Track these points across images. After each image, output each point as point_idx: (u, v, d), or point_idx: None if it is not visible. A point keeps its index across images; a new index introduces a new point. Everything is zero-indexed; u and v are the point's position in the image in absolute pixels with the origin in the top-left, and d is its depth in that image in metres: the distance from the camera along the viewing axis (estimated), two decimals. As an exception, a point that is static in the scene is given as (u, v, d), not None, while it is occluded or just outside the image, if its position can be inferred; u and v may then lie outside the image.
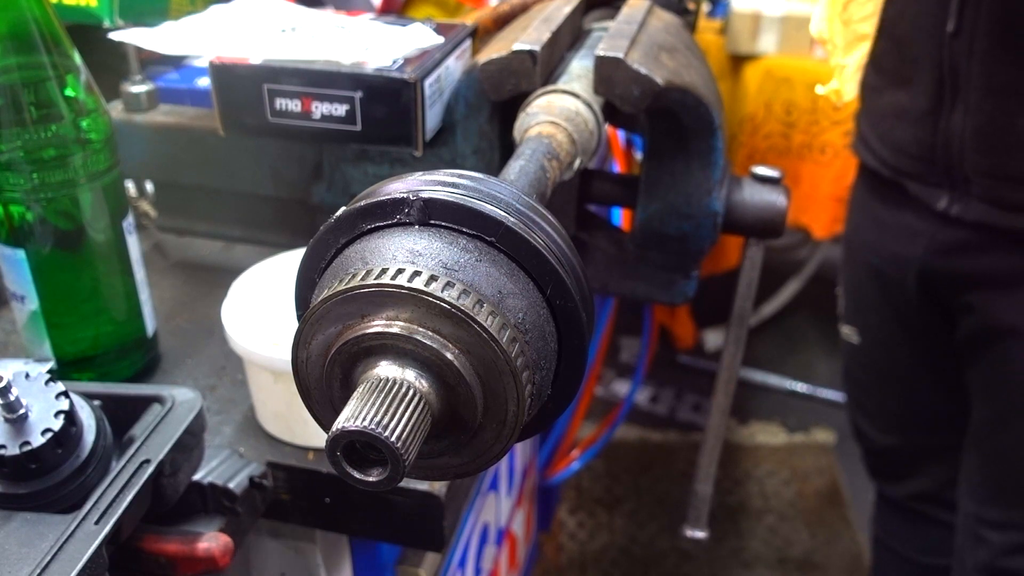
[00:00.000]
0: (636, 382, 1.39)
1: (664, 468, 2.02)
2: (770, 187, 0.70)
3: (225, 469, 0.55)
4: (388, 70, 0.64)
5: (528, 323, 0.33)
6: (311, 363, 0.35)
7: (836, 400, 2.14)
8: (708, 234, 0.70)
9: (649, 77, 0.59)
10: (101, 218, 0.59)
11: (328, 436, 0.30)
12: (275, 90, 0.65)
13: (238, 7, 0.75)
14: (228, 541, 0.49)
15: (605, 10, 0.81)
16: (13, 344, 0.70)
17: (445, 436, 0.34)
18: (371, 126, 0.65)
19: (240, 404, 0.64)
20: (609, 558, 1.79)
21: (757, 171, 0.70)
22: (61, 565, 0.40)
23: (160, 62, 0.89)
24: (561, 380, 0.36)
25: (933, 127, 0.95)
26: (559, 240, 0.36)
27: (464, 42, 0.72)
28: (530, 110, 0.57)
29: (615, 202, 0.77)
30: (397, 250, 0.33)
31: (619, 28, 0.65)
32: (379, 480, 0.31)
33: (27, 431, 0.44)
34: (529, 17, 0.72)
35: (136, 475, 0.46)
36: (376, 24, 0.73)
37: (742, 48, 1.65)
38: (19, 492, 0.44)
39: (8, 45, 0.54)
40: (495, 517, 1.02)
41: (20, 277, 0.59)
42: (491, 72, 0.62)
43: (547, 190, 0.48)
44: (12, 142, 0.54)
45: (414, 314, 0.32)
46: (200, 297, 0.77)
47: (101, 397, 0.50)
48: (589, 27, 0.75)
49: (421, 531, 0.59)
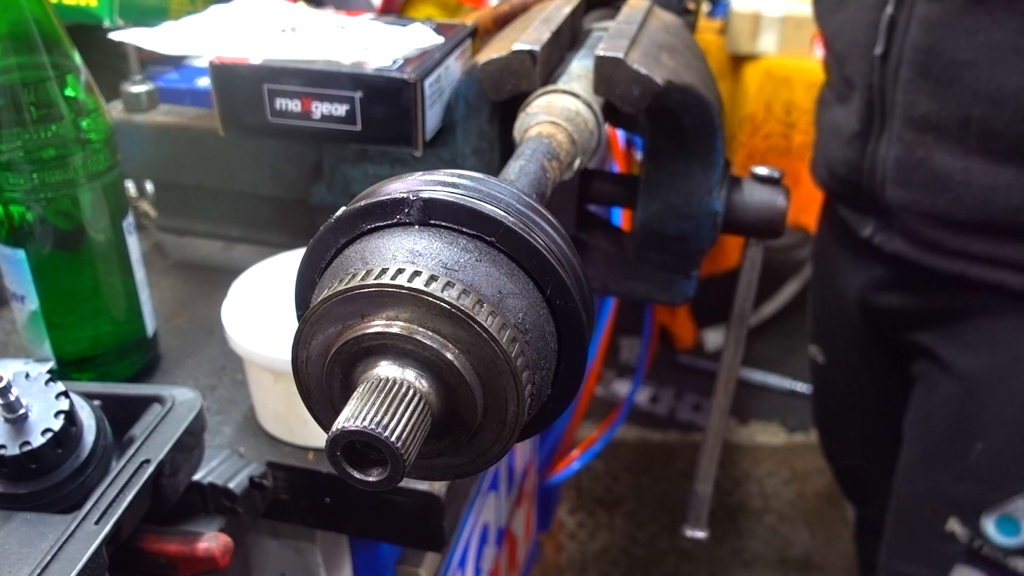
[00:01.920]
0: (636, 382, 1.39)
1: (664, 468, 2.02)
2: (770, 187, 0.70)
3: (225, 469, 0.55)
4: (388, 70, 0.64)
5: (528, 323, 0.33)
6: (311, 363, 0.35)
7: (836, 400, 2.14)
8: (708, 234, 0.70)
9: (649, 77, 0.59)
10: (101, 218, 0.59)
11: (328, 436, 0.30)
12: (275, 90, 0.65)
13: (238, 7, 0.75)
14: (228, 541, 0.49)
15: (605, 10, 0.81)
16: (13, 344, 0.70)
17: (445, 436, 0.34)
18: (371, 126, 0.65)
19: (240, 404, 0.64)
20: (609, 558, 1.79)
21: (757, 171, 0.70)
22: (61, 565, 0.40)
23: (160, 62, 0.89)
24: (561, 380, 0.36)
25: (862, 150, 0.90)
26: (559, 240, 0.36)
27: (464, 42, 0.72)
28: (530, 110, 0.57)
29: (615, 202, 0.77)
30: (397, 250, 0.33)
31: (619, 28, 0.65)
32: (379, 480, 0.31)
33: (27, 431, 0.44)
34: (529, 17, 0.72)
35: (136, 475, 0.46)
36: (376, 24, 0.72)
37: (742, 48, 1.65)
38: (19, 492, 0.44)
39: (8, 45, 0.54)
40: (495, 517, 1.02)
41: (20, 277, 0.59)
42: (491, 72, 0.62)
43: (547, 190, 0.47)
44: (12, 142, 0.54)
45: (414, 314, 0.32)
46: (200, 297, 0.77)
47: (101, 397, 0.50)
48: (589, 27, 0.75)
49: (421, 531, 0.59)
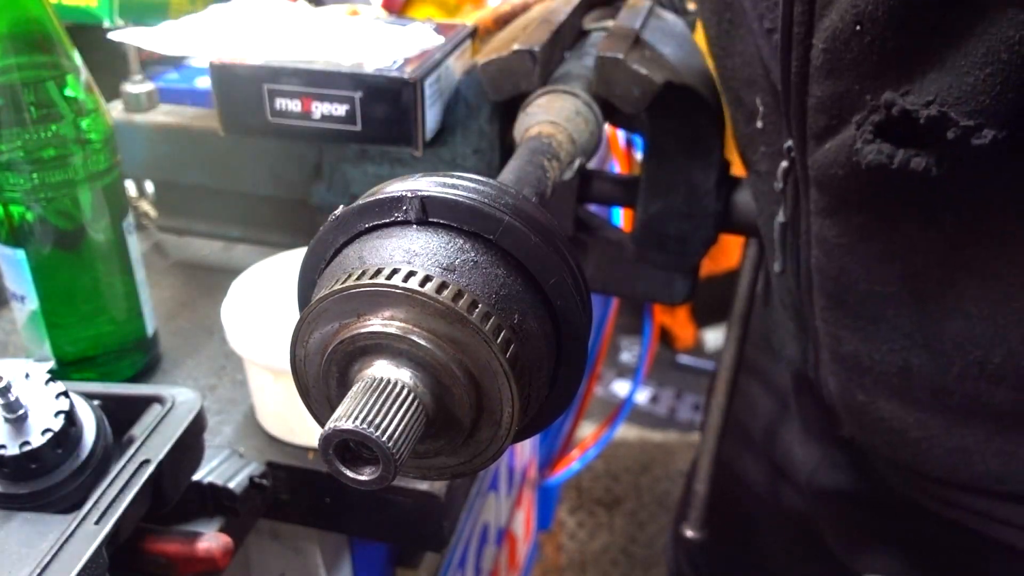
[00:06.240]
0: (636, 382, 1.39)
1: (664, 468, 2.02)
2: (770, 187, 0.70)
3: (225, 469, 0.55)
4: (388, 70, 0.64)
5: (525, 324, 0.33)
6: (308, 361, 0.35)
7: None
8: (708, 234, 0.70)
9: (649, 77, 0.59)
10: (101, 218, 0.59)
11: (321, 435, 0.30)
12: (275, 90, 0.65)
13: (238, 7, 0.75)
14: (228, 541, 0.49)
15: (605, 10, 0.81)
16: (13, 344, 0.70)
17: (441, 436, 0.34)
18: (371, 126, 0.65)
19: (240, 404, 0.64)
20: (609, 558, 1.79)
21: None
22: (61, 565, 0.40)
23: (160, 62, 0.89)
24: (560, 381, 0.36)
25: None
26: (557, 240, 0.36)
27: (464, 42, 0.72)
28: (530, 110, 0.57)
29: (615, 202, 0.77)
30: (395, 250, 0.33)
31: (619, 28, 0.65)
32: (371, 479, 0.31)
33: (27, 431, 0.44)
34: (529, 17, 0.72)
35: (136, 475, 0.46)
36: (376, 24, 0.73)
37: (742, 48, 1.64)
38: (19, 492, 0.44)
39: (8, 45, 0.54)
40: (495, 517, 1.02)
41: (20, 277, 0.59)
42: (491, 72, 0.62)
43: (547, 190, 0.48)
44: (12, 142, 0.54)
45: (409, 314, 0.32)
46: (200, 297, 0.77)
47: (101, 397, 0.50)
48: (589, 27, 0.75)
49: (421, 531, 0.59)
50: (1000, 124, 0.43)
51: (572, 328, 0.35)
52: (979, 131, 0.44)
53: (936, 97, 0.44)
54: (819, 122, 0.51)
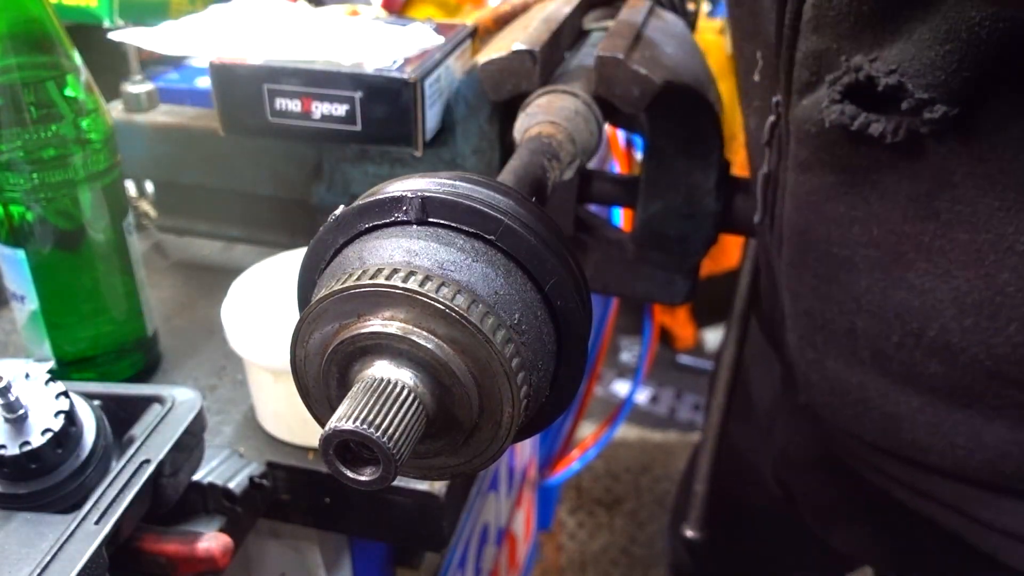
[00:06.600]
0: (636, 382, 1.39)
1: (664, 468, 2.02)
2: (770, 187, 0.70)
3: (225, 469, 0.55)
4: (388, 70, 0.64)
5: (525, 323, 0.33)
6: (309, 362, 0.35)
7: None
8: (708, 234, 0.70)
9: (649, 77, 0.59)
10: (101, 218, 0.59)
11: (321, 435, 0.30)
12: (275, 90, 0.65)
13: (238, 7, 0.75)
14: (228, 541, 0.49)
15: (605, 10, 0.81)
16: (13, 344, 0.70)
17: (441, 436, 0.34)
18: (371, 126, 0.65)
19: (240, 404, 0.64)
20: (609, 558, 1.79)
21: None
22: (61, 565, 0.40)
23: (160, 62, 0.89)
24: (560, 381, 0.36)
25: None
26: (557, 240, 0.36)
27: (464, 42, 0.72)
28: (530, 110, 0.57)
29: (615, 202, 0.77)
30: (394, 250, 0.33)
31: (619, 28, 0.65)
32: (371, 479, 0.31)
33: (27, 431, 0.44)
34: (529, 17, 0.72)
35: (136, 475, 0.46)
36: (376, 24, 0.73)
37: (743, 48, 1.65)
38: (19, 492, 0.44)
39: (8, 45, 0.54)
40: (495, 517, 1.02)
41: (20, 277, 0.59)
42: (491, 72, 0.62)
43: (547, 190, 0.48)
44: (12, 142, 0.54)
45: (409, 314, 0.32)
46: (200, 297, 0.77)
47: (101, 397, 0.50)
48: (589, 27, 0.75)
49: (421, 531, 0.59)
50: (952, 101, 0.45)
51: (572, 328, 0.35)
52: (931, 105, 0.46)
53: (898, 67, 0.46)
54: (802, 77, 0.53)
